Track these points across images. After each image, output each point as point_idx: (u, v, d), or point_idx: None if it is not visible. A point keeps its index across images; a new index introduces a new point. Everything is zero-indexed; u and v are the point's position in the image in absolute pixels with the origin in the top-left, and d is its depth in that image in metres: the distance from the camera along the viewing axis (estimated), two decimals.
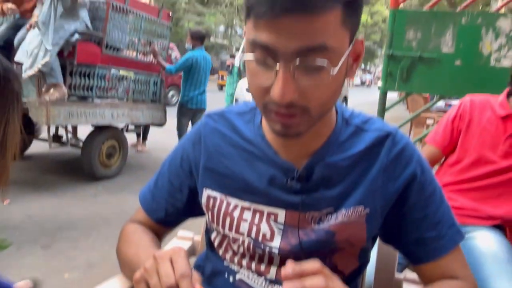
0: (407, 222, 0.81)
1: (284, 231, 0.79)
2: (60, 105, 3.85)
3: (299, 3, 0.58)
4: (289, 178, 0.78)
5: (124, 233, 0.92)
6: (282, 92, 0.62)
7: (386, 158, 0.78)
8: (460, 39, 2.78)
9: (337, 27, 0.62)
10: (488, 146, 1.53)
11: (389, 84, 2.93)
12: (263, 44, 0.62)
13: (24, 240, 2.87)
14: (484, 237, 1.44)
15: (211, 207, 0.85)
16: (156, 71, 5.14)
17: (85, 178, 4.37)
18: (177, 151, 0.93)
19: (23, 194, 3.73)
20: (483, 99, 1.60)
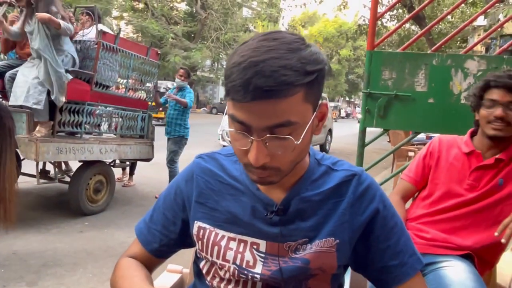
0: (373, 252, 0.91)
1: (265, 259, 0.89)
2: (49, 142, 3.91)
3: (267, 92, 0.71)
4: (268, 211, 0.89)
5: (119, 268, 0.99)
6: (256, 158, 0.76)
7: (353, 195, 0.90)
8: (432, 79, 2.95)
9: (300, 104, 0.75)
10: (455, 180, 1.67)
11: (368, 121, 3.06)
12: (240, 120, 0.76)
13: (9, 278, 2.85)
14: (454, 266, 1.52)
15: (201, 237, 0.94)
16: (144, 107, 5.26)
17: (71, 214, 4.36)
18: (172, 187, 1.03)
19: (7, 231, 3.71)
20: (450, 139, 1.78)
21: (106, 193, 4.70)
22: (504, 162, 1.60)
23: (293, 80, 0.72)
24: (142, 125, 5.22)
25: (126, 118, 4.98)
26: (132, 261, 1.01)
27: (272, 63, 0.71)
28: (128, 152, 4.90)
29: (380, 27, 14.69)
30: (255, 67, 0.71)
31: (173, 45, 21.91)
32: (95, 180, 4.51)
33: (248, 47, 0.75)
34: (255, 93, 0.71)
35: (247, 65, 0.72)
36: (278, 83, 0.71)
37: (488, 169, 1.62)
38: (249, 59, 0.72)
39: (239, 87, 0.72)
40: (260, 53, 0.72)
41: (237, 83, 0.72)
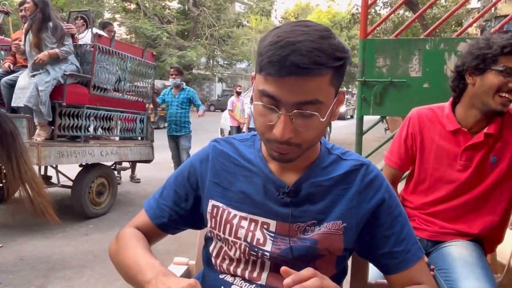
0: (378, 238, 0.96)
1: (275, 238, 0.94)
2: (50, 146, 3.95)
3: (301, 69, 0.77)
4: (280, 192, 0.94)
5: (122, 237, 1.02)
6: (282, 132, 0.81)
7: (361, 183, 0.95)
8: (426, 64, 2.98)
9: (327, 86, 0.81)
10: (446, 164, 1.56)
11: (364, 109, 3.09)
12: (271, 94, 0.81)
13: (18, 283, 2.88)
14: (459, 246, 1.51)
15: (214, 215, 0.99)
16: (142, 109, 5.29)
17: (76, 217, 4.40)
18: (185, 166, 1.07)
19: (15, 237, 3.75)
20: (429, 113, 1.59)
21: (109, 195, 4.73)
22: (493, 137, 1.49)
23: (325, 61, 0.78)
24: (141, 127, 5.25)
25: (126, 120, 5.01)
26: (137, 232, 1.04)
27: (307, 44, 0.77)
28: (128, 154, 4.93)
29: (374, 15, 14.70)
30: (292, 46, 0.77)
31: (167, 44, 21.86)
32: (97, 183, 4.54)
33: (282, 30, 0.81)
34: (290, 69, 0.77)
35: (283, 44, 0.78)
36: (312, 62, 0.77)
37: (478, 146, 1.51)
38: (286, 39, 0.78)
39: (276, 62, 0.78)
40: (296, 35, 0.78)
41: (274, 59, 0.78)
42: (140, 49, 5.25)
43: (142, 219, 1.07)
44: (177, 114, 5.52)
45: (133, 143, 5.06)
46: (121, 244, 1.01)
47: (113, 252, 1.02)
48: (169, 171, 5.41)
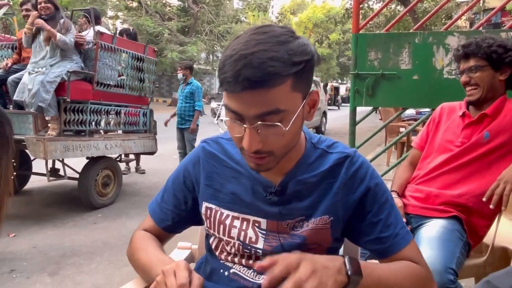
0: (366, 226, 0.98)
1: (266, 236, 0.98)
2: (56, 140, 4.09)
3: (255, 83, 0.77)
4: (267, 192, 0.96)
5: (135, 240, 1.10)
6: (249, 144, 0.83)
7: (345, 176, 0.96)
8: (416, 57, 3.12)
9: (288, 93, 0.81)
10: (449, 140, 1.83)
11: (357, 100, 3.24)
12: (233, 110, 0.82)
13: (32, 269, 3.04)
14: (433, 224, 1.68)
15: (208, 216, 1.03)
16: (145, 103, 5.45)
17: (84, 208, 4.56)
18: (180, 170, 1.11)
19: (27, 227, 3.91)
20: (453, 105, 1.95)
21: (114, 186, 4.89)
22: (488, 116, 1.75)
23: (279, 70, 0.77)
24: (145, 120, 5.41)
25: (129, 114, 5.17)
26: (146, 234, 1.11)
27: (260, 55, 0.76)
28: (132, 146, 5.09)
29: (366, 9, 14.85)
30: (244, 59, 0.76)
31: (168, 40, 22.00)
32: (102, 175, 4.70)
33: (239, 41, 0.80)
34: (244, 84, 0.77)
35: (237, 58, 0.77)
36: (265, 74, 0.76)
37: (475, 125, 1.78)
38: (239, 52, 0.77)
39: (230, 78, 0.77)
40: (250, 46, 0.78)
41: (228, 75, 0.78)
42: (141, 45, 5.38)
43: (149, 223, 1.13)
44: (182, 108, 5.73)
45: (136, 136, 5.22)
46: (133, 247, 1.08)
47: (129, 255, 1.10)
48: (173, 162, 5.58)
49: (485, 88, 1.75)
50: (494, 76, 1.75)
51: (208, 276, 1.06)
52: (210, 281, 1.04)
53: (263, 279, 0.79)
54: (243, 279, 1.00)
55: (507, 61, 1.72)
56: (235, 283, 1.00)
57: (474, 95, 1.77)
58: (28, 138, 3.97)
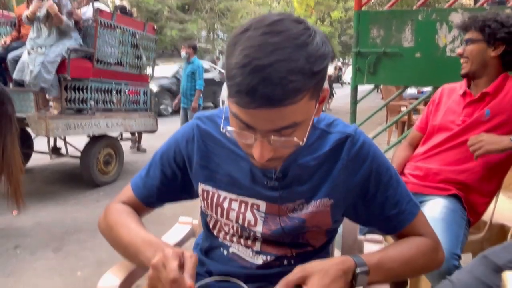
0: (372, 207, 0.96)
1: (265, 219, 0.95)
2: (58, 118, 4.10)
3: (272, 100, 0.69)
4: (268, 178, 0.93)
5: (112, 212, 1.01)
6: (260, 155, 0.77)
7: (347, 157, 0.92)
8: (418, 34, 3.09)
9: (305, 104, 0.73)
10: (450, 119, 1.83)
11: (359, 78, 3.22)
12: (244, 122, 0.74)
13: (36, 245, 3.09)
14: (434, 203, 1.69)
15: (205, 197, 1.00)
16: (145, 81, 5.43)
17: (86, 186, 4.60)
18: (170, 145, 1.04)
19: (30, 204, 3.93)
20: (453, 85, 1.94)
21: (116, 164, 4.92)
22: (490, 95, 1.74)
23: (300, 86, 0.70)
24: (145, 99, 5.40)
25: (129, 92, 5.16)
26: (125, 208, 1.03)
27: (279, 68, 0.68)
28: (133, 125, 5.10)
29: None
30: (261, 72, 0.67)
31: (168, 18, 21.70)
32: (104, 153, 4.72)
33: (250, 43, 0.70)
34: (261, 102, 0.69)
35: (252, 70, 0.68)
36: (286, 92, 0.68)
37: (476, 103, 1.77)
38: (253, 62, 0.68)
39: (243, 92, 0.69)
40: (265, 53, 0.68)
41: (242, 89, 0.69)
42: (141, 22, 5.33)
43: (129, 196, 1.06)
44: (185, 87, 5.83)
45: (137, 114, 5.23)
46: (112, 220, 0.99)
47: (104, 227, 1.02)
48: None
49: (474, 62, 1.75)
50: (485, 51, 1.73)
51: (207, 252, 1.06)
52: (208, 258, 1.05)
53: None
54: (242, 259, 0.99)
55: (500, 37, 1.69)
56: (234, 263, 1.00)
57: (464, 68, 1.78)
58: (29, 116, 3.98)
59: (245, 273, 0.97)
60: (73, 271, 2.73)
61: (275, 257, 0.97)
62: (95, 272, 2.71)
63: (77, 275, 2.68)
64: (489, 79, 1.76)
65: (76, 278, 2.64)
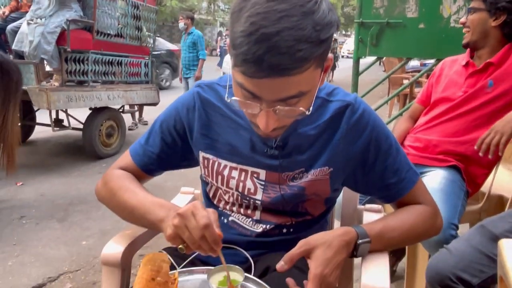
0: (372, 176, 0.96)
1: (265, 187, 0.96)
2: (59, 91, 4.09)
3: (281, 70, 0.68)
4: (268, 147, 0.93)
5: (115, 179, 1.01)
6: (266, 125, 0.77)
7: (346, 126, 0.92)
8: (423, 4, 3.02)
9: (311, 73, 0.73)
10: (452, 90, 1.81)
11: (361, 50, 3.18)
12: (250, 91, 0.74)
13: (40, 216, 3.15)
14: (433, 175, 1.70)
15: (206, 165, 1.01)
16: (146, 53, 5.38)
17: (89, 158, 4.64)
18: (170, 113, 1.03)
19: (33, 176, 4.00)
20: (455, 57, 1.92)
21: (118, 137, 4.95)
22: (494, 65, 1.72)
23: (308, 55, 0.69)
24: (146, 71, 5.37)
25: (130, 64, 5.13)
26: (127, 174, 1.02)
27: (286, 36, 0.66)
28: (134, 97, 5.09)
29: None
30: (268, 41, 0.66)
31: None
32: (106, 125, 4.74)
33: (256, 9, 0.68)
34: (268, 72, 0.69)
35: (259, 38, 0.67)
36: (294, 61, 0.68)
37: (479, 74, 1.75)
38: (260, 30, 0.67)
39: (250, 62, 0.69)
40: (272, 21, 0.67)
41: (249, 58, 0.68)
42: None
43: (128, 163, 1.05)
44: (186, 58, 5.92)
45: (138, 87, 5.21)
46: (115, 185, 0.99)
47: (106, 193, 1.01)
48: None
49: (475, 32, 1.73)
50: (486, 21, 1.71)
51: None
52: None
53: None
54: (242, 227, 1.00)
55: (501, 6, 1.67)
56: (234, 230, 1.01)
57: (465, 38, 1.77)
58: (31, 89, 3.97)
59: (245, 240, 0.99)
60: (78, 240, 2.79)
61: (274, 225, 0.99)
62: (100, 241, 2.77)
63: (82, 244, 2.74)
64: (492, 49, 1.74)
65: (81, 247, 2.70)
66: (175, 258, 0.96)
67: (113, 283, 0.98)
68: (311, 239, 0.84)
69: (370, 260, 0.89)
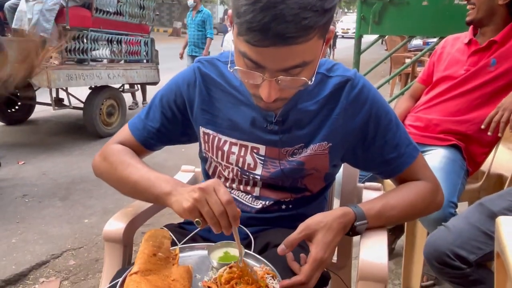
0: (371, 151, 0.96)
1: (265, 162, 0.97)
2: (59, 69, 4.08)
3: (287, 38, 0.69)
4: (268, 122, 0.93)
5: (115, 154, 1.00)
6: (268, 95, 0.78)
7: (346, 101, 0.92)
8: None
9: (315, 43, 0.74)
10: (454, 68, 1.79)
11: (363, 28, 3.14)
12: (253, 60, 0.74)
13: (43, 195, 3.17)
14: (434, 153, 1.71)
15: (206, 140, 1.01)
16: (146, 31, 5.33)
17: (90, 137, 4.65)
18: (171, 88, 1.03)
19: (35, 155, 4.01)
20: (457, 35, 1.89)
21: (119, 116, 4.95)
22: (497, 44, 1.69)
23: (313, 23, 0.69)
24: (146, 49, 5.33)
25: (130, 43, 5.09)
26: (126, 149, 1.02)
27: (291, 4, 0.67)
28: (135, 76, 5.07)
29: None
30: (273, 9, 0.66)
31: None
32: (106, 104, 4.73)
33: None
34: (273, 40, 0.69)
35: (264, 6, 0.67)
36: (299, 29, 0.68)
37: (482, 52, 1.73)
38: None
39: (255, 30, 0.69)
40: None
41: (254, 27, 0.68)
42: None
43: (128, 138, 1.05)
44: (194, 36, 5.88)
45: (138, 65, 5.18)
46: (115, 160, 0.98)
47: (105, 168, 1.01)
48: None
49: (481, 9, 1.70)
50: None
51: None
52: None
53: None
54: (241, 203, 1.01)
55: None
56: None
57: (470, 15, 1.73)
58: None
59: (245, 217, 0.99)
60: (80, 218, 2.82)
61: (274, 201, 1.00)
62: (102, 219, 2.80)
63: (84, 222, 2.77)
64: (496, 27, 1.71)
65: (83, 225, 2.73)
66: (176, 234, 0.98)
67: (115, 259, 1.00)
68: (312, 223, 0.84)
69: (368, 237, 0.90)
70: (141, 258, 0.82)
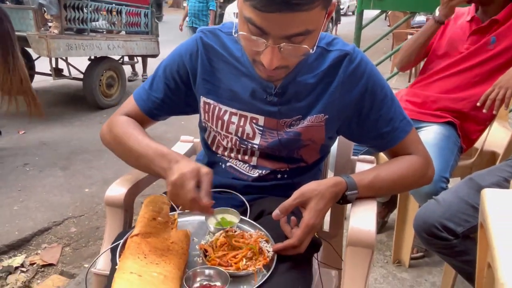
0: (366, 124, 0.99)
1: (263, 132, 1.00)
2: (59, 38, 4.05)
3: (291, 4, 0.72)
4: (268, 94, 0.96)
5: (119, 125, 1.02)
6: (270, 62, 0.80)
7: (343, 75, 0.94)
8: None
9: (318, 12, 0.77)
10: (454, 47, 1.80)
11: (365, 3, 3.11)
12: (258, 25, 0.77)
13: (44, 164, 3.22)
14: (429, 130, 1.74)
15: (206, 110, 1.03)
16: (146, 3, 5.27)
17: (90, 108, 4.67)
18: (174, 58, 1.04)
19: (35, 125, 4.02)
20: (462, 10, 1.87)
21: (118, 87, 4.95)
22: (499, 22, 1.70)
23: None
24: (146, 21, 5.28)
25: (130, 14, 5.03)
26: (130, 120, 1.04)
27: None
28: (135, 48, 5.04)
29: None
30: None
31: None
32: (106, 76, 4.72)
33: None
34: (280, 6, 0.71)
35: None
36: None
37: (484, 31, 1.73)
38: None
39: None
40: None
41: None
42: None
43: (132, 108, 1.06)
44: (196, 7, 5.83)
45: (138, 37, 5.15)
46: (119, 132, 1.00)
47: (111, 139, 1.03)
48: None
49: None
50: None
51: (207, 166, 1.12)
52: None
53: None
54: (239, 172, 1.05)
55: None
56: (231, 174, 1.06)
57: None
58: (30, 35, 3.93)
59: (241, 185, 1.04)
60: (81, 188, 2.87)
61: (270, 171, 1.03)
62: (102, 189, 2.84)
63: (84, 191, 2.82)
64: (499, 6, 1.71)
65: (84, 194, 2.78)
66: None
67: (116, 222, 1.04)
68: (306, 191, 0.87)
69: (358, 206, 0.94)
70: (141, 222, 0.86)
